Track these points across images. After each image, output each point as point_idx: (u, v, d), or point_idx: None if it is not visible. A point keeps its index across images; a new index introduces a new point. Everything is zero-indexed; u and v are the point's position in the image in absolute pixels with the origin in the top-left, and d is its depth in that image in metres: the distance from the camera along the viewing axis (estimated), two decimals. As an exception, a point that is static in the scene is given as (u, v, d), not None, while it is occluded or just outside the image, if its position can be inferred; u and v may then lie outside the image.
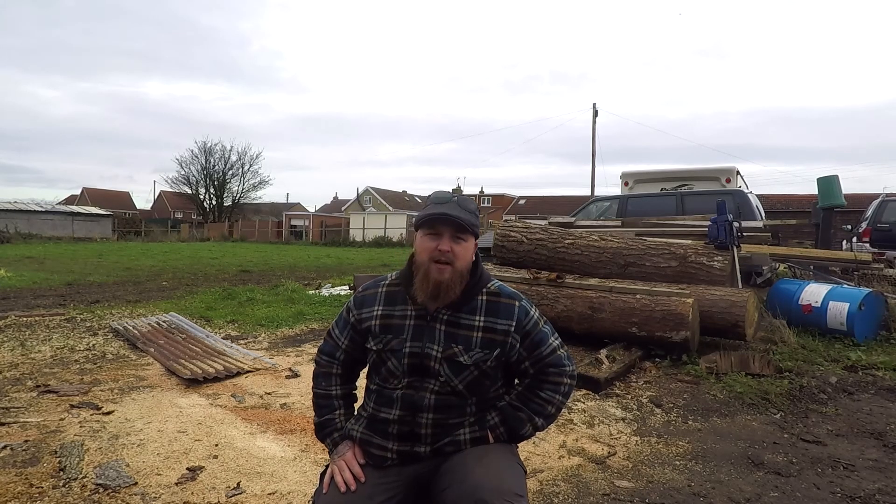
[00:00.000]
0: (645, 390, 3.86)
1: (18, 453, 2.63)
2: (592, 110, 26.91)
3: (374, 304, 1.67)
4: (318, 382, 1.76)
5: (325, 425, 1.71)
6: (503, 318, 1.59)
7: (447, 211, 1.54)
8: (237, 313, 6.63)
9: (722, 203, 5.78)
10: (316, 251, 24.41)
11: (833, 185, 9.00)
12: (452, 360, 1.57)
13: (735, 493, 2.43)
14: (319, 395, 1.75)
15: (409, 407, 1.58)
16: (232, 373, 4.01)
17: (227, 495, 2.32)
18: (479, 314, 1.59)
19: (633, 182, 11.07)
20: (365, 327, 1.66)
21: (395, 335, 1.61)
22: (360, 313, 1.68)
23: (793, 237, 13.41)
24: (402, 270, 1.69)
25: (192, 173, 48.62)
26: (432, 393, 1.57)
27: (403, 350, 1.59)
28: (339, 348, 1.73)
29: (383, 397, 1.62)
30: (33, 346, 4.80)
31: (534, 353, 1.61)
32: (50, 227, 33.50)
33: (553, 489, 2.43)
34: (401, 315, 1.63)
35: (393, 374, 1.61)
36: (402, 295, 1.65)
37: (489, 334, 1.58)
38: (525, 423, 1.62)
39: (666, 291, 4.71)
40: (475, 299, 1.60)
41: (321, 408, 1.74)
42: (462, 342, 1.57)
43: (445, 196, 1.62)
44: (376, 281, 1.74)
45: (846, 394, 3.82)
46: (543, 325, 1.65)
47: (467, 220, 1.55)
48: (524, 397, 1.64)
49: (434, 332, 1.59)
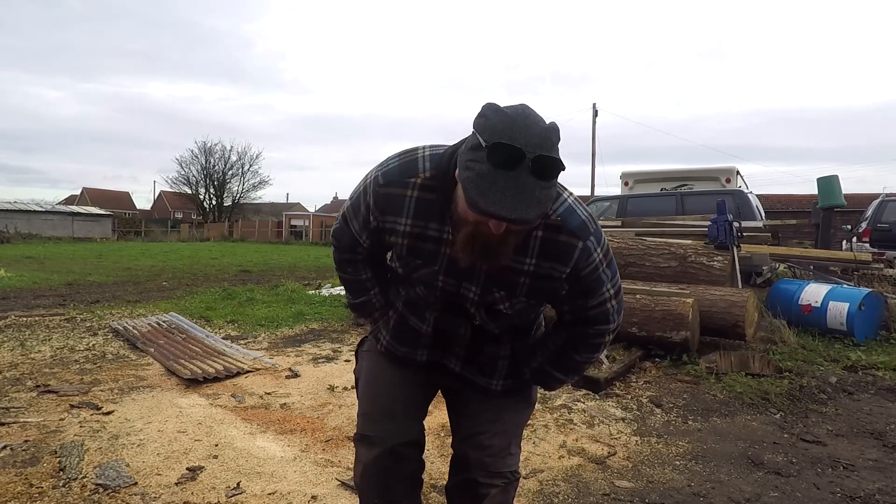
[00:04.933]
0: (645, 390, 3.86)
1: (18, 453, 2.63)
2: (592, 110, 26.90)
3: (401, 214, 1.28)
4: (342, 267, 1.53)
5: (363, 305, 1.56)
6: (559, 262, 1.24)
7: (507, 214, 1.00)
8: (237, 313, 6.62)
9: (722, 203, 5.79)
10: (316, 251, 24.39)
11: (833, 186, 9.00)
12: (491, 308, 1.34)
13: (735, 493, 2.43)
14: (347, 280, 1.54)
15: (442, 332, 1.43)
16: (232, 373, 4.01)
17: (227, 495, 2.32)
18: (531, 255, 1.24)
19: (633, 182, 11.08)
20: (390, 241, 1.35)
21: (426, 263, 1.31)
22: (383, 219, 1.31)
23: (793, 237, 13.43)
24: (439, 163, 1.24)
25: (192, 173, 48.57)
26: (469, 324, 1.40)
27: (436, 284, 1.33)
28: (360, 244, 1.45)
29: (414, 307, 1.44)
30: (33, 346, 4.80)
31: (577, 302, 1.32)
32: (50, 227, 33.47)
33: (553, 489, 2.43)
34: (435, 237, 1.27)
35: (422, 298, 1.40)
36: (438, 207, 1.25)
37: (539, 281, 1.27)
38: (559, 383, 1.51)
39: (666, 291, 4.71)
40: (529, 235, 1.22)
41: (354, 291, 1.55)
42: (505, 287, 1.29)
43: (514, 152, 1.01)
44: (404, 171, 1.27)
45: (846, 394, 3.82)
46: (605, 268, 1.29)
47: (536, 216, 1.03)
48: (559, 360, 1.45)
49: (474, 269, 1.27)
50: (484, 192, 1.01)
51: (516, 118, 1.05)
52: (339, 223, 1.48)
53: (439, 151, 1.27)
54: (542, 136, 1.05)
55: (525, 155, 1.01)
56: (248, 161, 49.53)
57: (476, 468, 1.47)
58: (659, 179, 10.84)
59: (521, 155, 1.01)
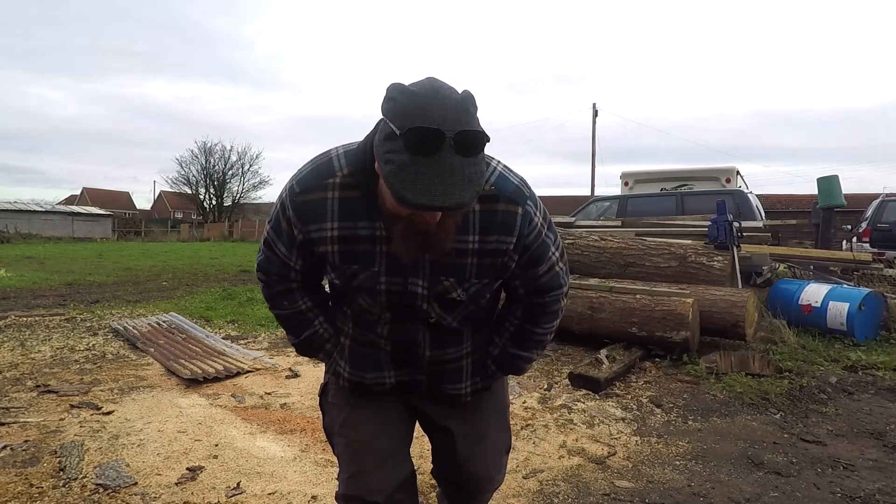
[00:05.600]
0: (645, 390, 3.86)
1: (18, 453, 2.63)
2: (592, 110, 26.93)
3: (325, 219, 1.16)
4: (277, 303, 1.35)
5: (309, 341, 1.38)
6: (503, 233, 1.16)
7: (439, 203, 0.91)
8: (237, 313, 6.63)
9: (722, 203, 5.79)
10: (316, 251, 24.39)
11: (833, 186, 9.00)
12: (444, 298, 1.23)
13: (735, 493, 2.43)
14: (287, 316, 1.36)
15: (403, 343, 1.30)
16: (232, 373, 4.01)
17: (227, 495, 2.32)
18: (473, 232, 1.15)
19: (633, 182, 11.09)
20: (319, 251, 1.21)
21: (364, 266, 1.18)
22: (307, 230, 1.18)
23: (793, 237, 13.41)
24: (356, 158, 1.14)
25: (192, 173, 48.55)
26: (426, 328, 1.28)
27: (378, 287, 1.21)
28: (292, 269, 1.29)
29: (365, 324, 1.31)
30: (33, 346, 4.80)
31: (528, 272, 1.26)
32: (50, 227, 33.46)
33: (553, 489, 2.43)
34: (367, 237, 1.16)
35: (368, 310, 1.27)
36: (364, 204, 1.13)
37: (486, 258, 1.19)
38: (526, 362, 1.42)
39: (666, 291, 4.71)
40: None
41: (297, 327, 1.37)
42: (454, 272, 1.19)
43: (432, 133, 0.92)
44: (320, 173, 1.16)
45: (846, 394, 3.82)
46: (547, 231, 1.25)
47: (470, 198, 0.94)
48: (521, 338, 1.36)
49: (416, 261, 1.17)
50: (409, 184, 0.92)
51: (427, 95, 0.95)
52: (262, 254, 1.31)
53: (353, 148, 1.17)
54: (459, 110, 0.95)
55: (445, 134, 0.92)
56: (248, 161, 49.55)
57: (472, 493, 1.52)
58: (659, 179, 10.85)
59: (440, 135, 0.92)
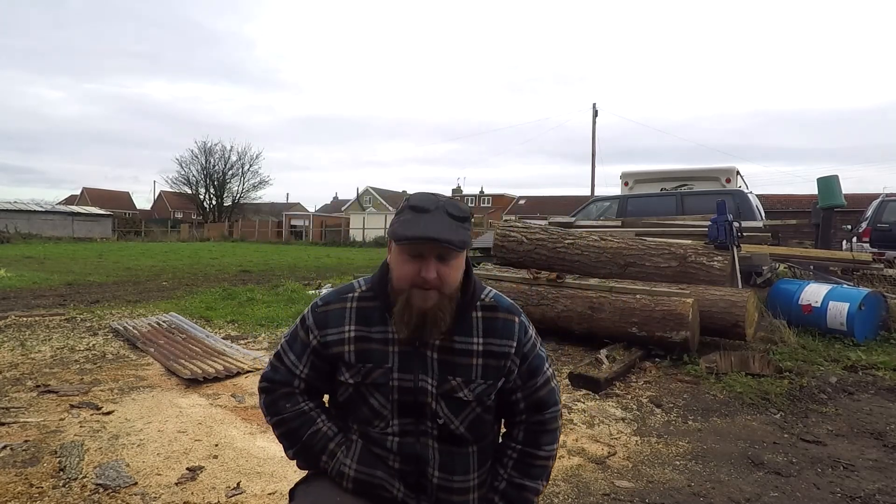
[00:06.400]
0: (645, 390, 3.86)
1: (18, 453, 2.63)
2: (592, 110, 26.93)
3: (342, 324, 1.32)
4: (278, 406, 1.37)
5: (311, 442, 1.35)
6: (504, 337, 1.32)
7: (434, 234, 1.18)
8: (237, 313, 6.63)
9: (722, 203, 5.79)
10: (316, 251, 24.40)
11: (833, 185, 9.00)
12: (451, 397, 1.30)
13: (735, 493, 2.43)
14: (288, 418, 1.36)
15: (412, 460, 1.30)
16: (232, 373, 4.01)
17: (227, 495, 2.32)
18: (477, 335, 1.31)
19: (633, 182, 11.08)
20: (334, 353, 1.32)
21: (377, 364, 1.30)
22: (323, 335, 1.32)
23: (793, 237, 13.41)
24: (375, 278, 1.35)
25: (192, 173, 48.64)
26: (434, 440, 1.31)
27: (391, 384, 1.29)
28: (297, 377, 1.36)
29: (373, 441, 1.32)
30: (33, 346, 4.80)
31: (528, 383, 1.35)
32: (50, 227, 33.47)
33: (553, 489, 2.43)
34: (380, 339, 1.30)
35: (378, 414, 1.31)
36: (380, 312, 1.31)
37: (491, 360, 1.31)
38: (533, 496, 1.37)
39: (666, 291, 4.71)
40: (469, 316, 1.31)
41: (296, 429, 1.36)
42: (461, 373, 1.30)
43: (428, 200, 1.25)
44: (341, 291, 1.37)
45: (846, 394, 3.82)
46: (540, 347, 1.39)
47: (458, 241, 1.20)
48: (525, 464, 1.36)
49: (426, 360, 1.29)
50: (409, 226, 1.21)
51: (428, 195, 1.29)
52: (269, 367, 1.40)
53: (372, 276, 1.40)
54: (452, 200, 1.29)
55: (439, 201, 1.26)
56: (248, 161, 49.65)
57: None
58: (659, 179, 10.85)
59: (436, 201, 1.26)
